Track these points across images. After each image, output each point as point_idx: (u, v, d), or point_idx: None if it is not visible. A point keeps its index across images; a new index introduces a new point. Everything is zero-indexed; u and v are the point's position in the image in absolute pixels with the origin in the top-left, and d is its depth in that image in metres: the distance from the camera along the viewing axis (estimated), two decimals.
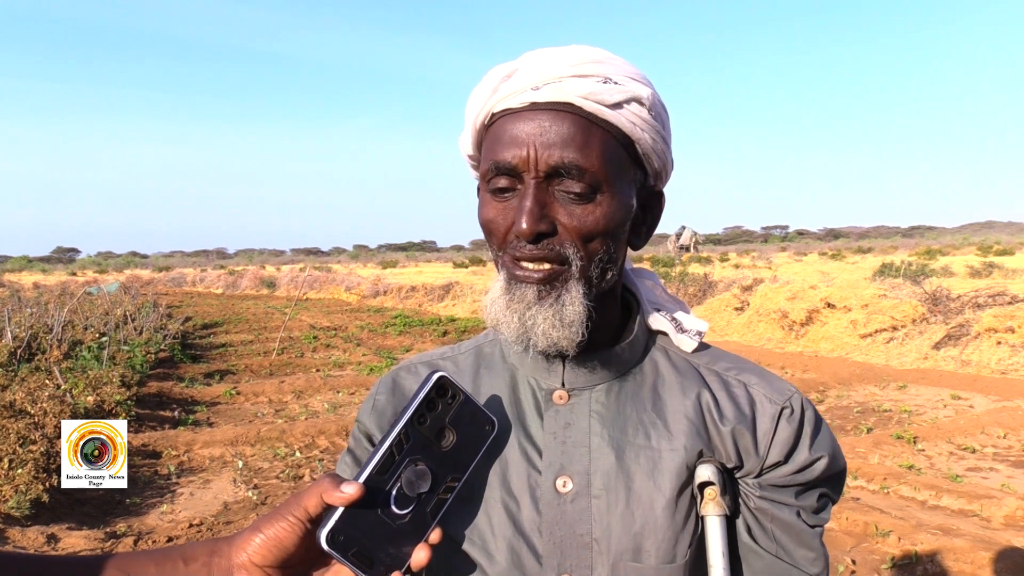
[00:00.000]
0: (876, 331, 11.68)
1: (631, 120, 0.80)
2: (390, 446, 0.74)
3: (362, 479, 0.72)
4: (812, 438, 0.88)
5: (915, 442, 6.43)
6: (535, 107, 0.79)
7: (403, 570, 0.73)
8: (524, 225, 0.77)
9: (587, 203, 0.79)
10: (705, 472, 0.84)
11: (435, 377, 0.76)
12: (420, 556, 0.74)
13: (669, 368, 0.90)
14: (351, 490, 0.70)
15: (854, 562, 4.10)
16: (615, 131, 0.80)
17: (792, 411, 0.88)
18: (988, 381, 9.05)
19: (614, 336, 0.90)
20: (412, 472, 0.74)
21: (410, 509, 0.74)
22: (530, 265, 0.80)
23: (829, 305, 12.84)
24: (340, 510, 0.71)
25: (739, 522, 0.88)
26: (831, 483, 0.90)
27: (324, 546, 0.70)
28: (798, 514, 0.87)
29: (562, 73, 0.78)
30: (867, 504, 4.94)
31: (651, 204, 0.89)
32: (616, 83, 0.79)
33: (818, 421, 0.90)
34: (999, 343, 10.08)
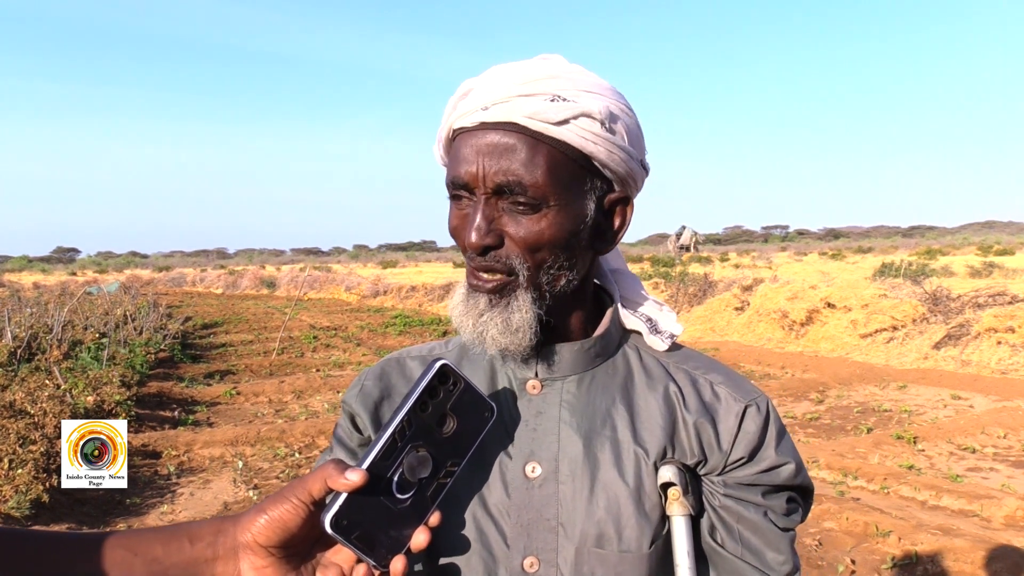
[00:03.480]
0: (876, 331, 11.68)
1: (580, 135, 0.82)
2: (393, 433, 0.75)
3: (365, 465, 0.74)
4: (778, 441, 0.90)
5: (915, 442, 6.44)
6: (484, 126, 0.82)
7: (403, 552, 0.76)
8: (473, 239, 0.82)
9: (532, 215, 0.82)
10: (666, 473, 0.86)
11: (437, 365, 0.78)
12: (420, 539, 0.76)
13: (639, 365, 0.94)
14: (355, 477, 0.72)
15: (854, 562, 4.10)
16: (564, 146, 0.82)
17: (758, 409, 0.90)
18: (988, 381, 9.05)
19: (587, 332, 0.93)
20: (414, 458, 0.76)
21: (411, 493, 0.76)
22: (484, 275, 0.85)
23: (829, 305, 12.84)
24: (344, 495, 0.72)
25: (703, 521, 0.89)
26: (800, 491, 0.91)
27: (328, 530, 0.72)
28: (765, 514, 0.88)
29: (510, 93, 0.81)
30: (867, 504, 4.94)
31: (618, 210, 0.91)
32: (564, 99, 0.81)
33: (784, 428, 0.92)
34: (999, 343, 10.09)
